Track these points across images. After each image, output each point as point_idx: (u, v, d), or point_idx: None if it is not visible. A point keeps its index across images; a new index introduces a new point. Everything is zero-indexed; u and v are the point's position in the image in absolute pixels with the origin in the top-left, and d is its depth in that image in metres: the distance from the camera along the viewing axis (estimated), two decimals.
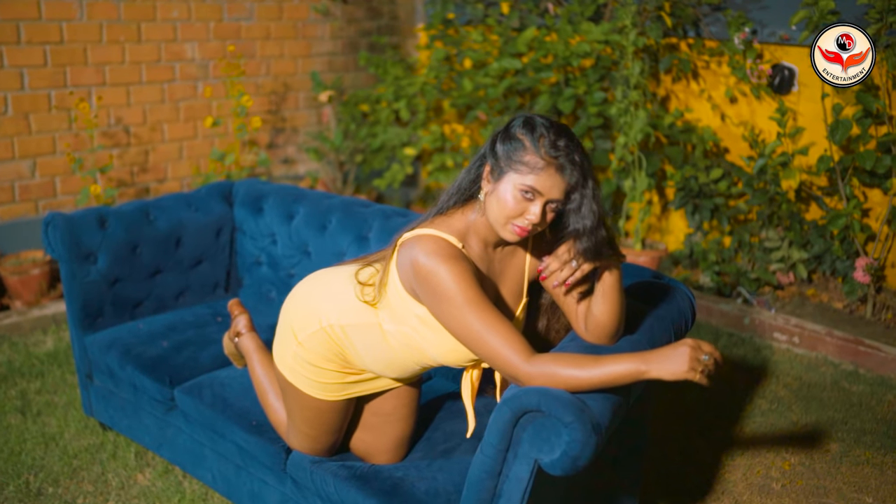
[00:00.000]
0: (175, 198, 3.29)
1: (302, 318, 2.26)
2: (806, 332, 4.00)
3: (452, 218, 2.04)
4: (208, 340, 2.94)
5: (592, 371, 1.81)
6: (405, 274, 2.00)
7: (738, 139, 4.65)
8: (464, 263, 1.93)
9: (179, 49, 4.89)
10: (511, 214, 1.91)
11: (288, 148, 5.59)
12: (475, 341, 1.90)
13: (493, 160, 1.96)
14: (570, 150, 1.91)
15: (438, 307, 1.93)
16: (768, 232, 4.44)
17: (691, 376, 1.80)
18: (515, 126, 1.97)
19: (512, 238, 1.94)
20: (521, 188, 1.89)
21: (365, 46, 5.84)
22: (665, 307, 2.21)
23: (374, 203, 3.09)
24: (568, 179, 1.89)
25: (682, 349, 1.81)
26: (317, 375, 2.26)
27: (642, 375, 1.81)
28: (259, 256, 3.30)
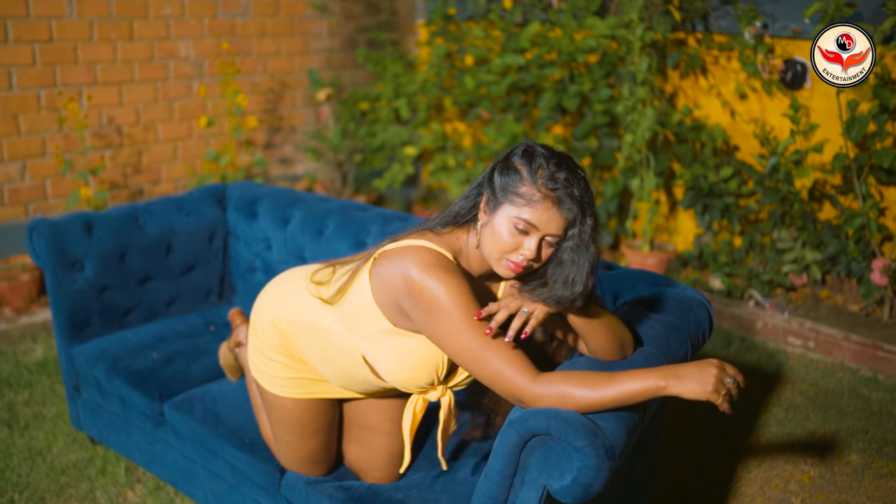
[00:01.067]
0: (165, 202, 3.16)
1: (258, 310, 2.25)
2: (821, 337, 3.86)
3: (445, 236, 1.93)
4: (200, 351, 2.81)
5: (606, 390, 1.68)
6: (385, 287, 1.88)
7: (748, 137, 4.51)
8: (461, 277, 1.81)
9: (173, 47, 4.76)
10: (505, 249, 1.80)
11: (285, 148, 5.46)
12: (474, 361, 1.77)
13: (490, 191, 1.85)
14: (570, 183, 1.79)
15: (434, 325, 1.80)
16: (780, 232, 4.30)
17: (714, 399, 1.67)
18: (515, 155, 1.86)
19: (506, 274, 1.82)
20: (516, 222, 1.78)
21: (364, 43, 5.71)
22: (681, 318, 2.08)
23: (372, 206, 2.96)
24: (566, 214, 1.78)
25: (709, 368, 1.68)
26: (271, 368, 2.20)
27: (661, 392, 1.68)
28: (253, 262, 3.17)
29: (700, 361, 1.71)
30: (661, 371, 1.69)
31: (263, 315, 2.21)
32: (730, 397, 1.69)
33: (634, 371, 1.71)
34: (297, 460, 2.23)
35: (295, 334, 2.13)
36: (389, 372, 1.97)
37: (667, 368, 1.70)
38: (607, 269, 2.40)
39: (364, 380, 2.08)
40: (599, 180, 4.98)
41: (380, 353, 1.96)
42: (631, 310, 2.07)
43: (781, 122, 4.35)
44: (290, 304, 2.16)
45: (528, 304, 1.77)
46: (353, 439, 2.30)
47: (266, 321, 2.19)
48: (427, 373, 1.95)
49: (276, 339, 2.17)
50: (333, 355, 2.07)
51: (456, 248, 1.92)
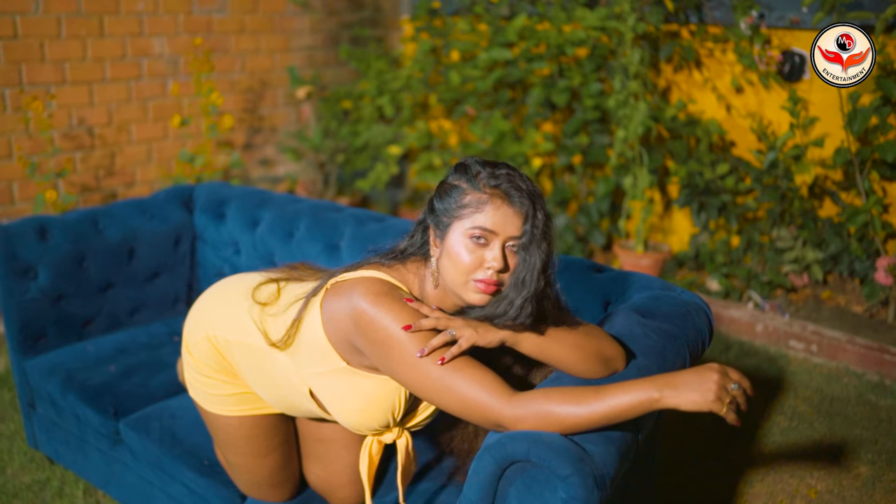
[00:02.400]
0: (128, 204, 2.97)
1: (191, 323, 2.07)
2: (825, 340, 3.68)
3: (398, 269, 1.75)
4: (162, 364, 2.62)
5: (593, 405, 1.49)
6: (335, 323, 1.71)
7: (744, 132, 4.33)
8: (412, 307, 1.64)
9: (146, 44, 4.56)
10: (468, 268, 1.61)
11: (266, 149, 5.27)
12: (439, 392, 1.58)
13: (434, 220, 1.69)
14: (512, 177, 1.63)
15: (389, 359, 1.62)
16: (780, 231, 4.11)
17: (717, 409, 1.48)
18: (448, 177, 1.71)
19: (478, 299, 1.63)
20: (471, 232, 1.61)
21: (347, 40, 5.52)
22: (678, 325, 1.89)
23: (346, 207, 2.77)
24: (519, 209, 1.61)
25: (708, 374, 1.49)
26: (209, 386, 2.02)
27: (655, 405, 1.48)
28: (222, 268, 2.98)
29: (698, 367, 1.52)
30: (654, 381, 1.50)
31: (197, 330, 2.03)
32: (736, 406, 1.50)
33: (624, 383, 1.52)
34: (253, 484, 2.04)
35: (233, 353, 1.96)
36: (339, 412, 1.80)
37: (661, 377, 1.51)
38: (597, 271, 2.22)
39: (309, 411, 1.91)
40: (591, 179, 4.80)
41: (329, 391, 1.79)
42: (623, 317, 1.88)
43: (779, 117, 4.17)
44: (228, 321, 1.98)
45: (457, 325, 1.60)
46: (311, 457, 2.12)
47: (201, 337, 2.01)
48: (381, 415, 1.78)
49: (212, 357, 2.00)
50: (276, 383, 1.90)
51: (409, 282, 1.75)
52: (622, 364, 1.70)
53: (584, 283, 2.16)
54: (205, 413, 2.06)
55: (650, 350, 1.77)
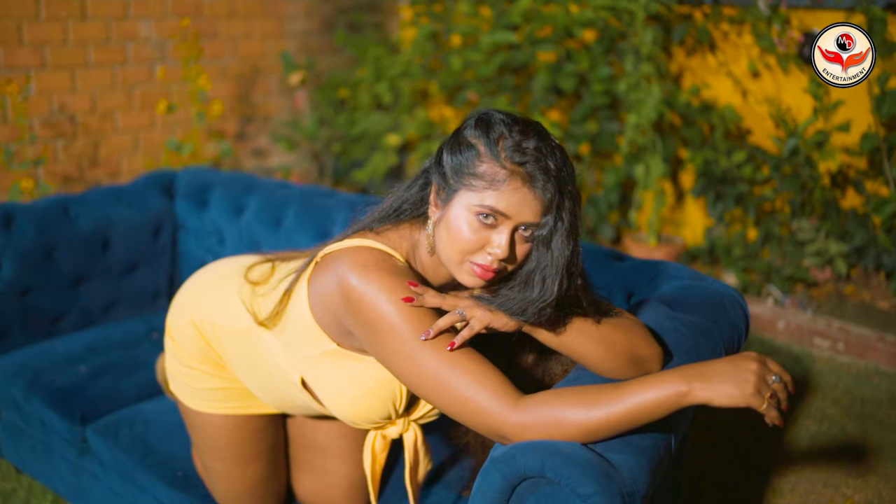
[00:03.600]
0: (103, 191, 2.74)
1: (176, 307, 1.86)
2: (852, 338, 3.45)
3: (387, 234, 1.52)
4: (136, 364, 2.40)
5: (613, 405, 1.26)
6: (322, 300, 1.48)
7: (761, 118, 4.10)
8: (411, 278, 1.41)
9: (132, 27, 4.34)
10: (467, 248, 1.38)
11: (259, 138, 5.04)
12: (435, 390, 1.35)
13: (440, 177, 1.43)
14: (542, 153, 1.36)
15: (380, 343, 1.39)
16: (800, 222, 3.88)
17: (756, 404, 1.26)
18: (467, 128, 1.43)
19: (471, 282, 1.40)
20: (479, 211, 1.36)
21: (343, 26, 5.29)
22: (712, 318, 1.66)
23: (338, 192, 2.55)
24: (542, 195, 1.35)
25: (746, 363, 1.27)
26: (193, 379, 1.81)
27: (683, 400, 1.26)
28: (205, 259, 2.75)
29: (733, 356, 1.30)
30: (681, 372, 1.28)
31: (182, 314, 1.82)
32: (777, 402, 1.28)
33: (646, 377, 1.30)
34: (232, 495, 1.82)
35: (220, 340, 1.74)
36: (333, 402, 1.57)
37: (689, 368, 1.29)
38: (617, 259, 1.99)
39: (304, 405, 1.68)
40: (599, 169, 4.57)
41: (321, 378, 1.56)
42: (650, 309, 1.65)
43: (799, 102, 3.94)
44: (216, 304, 1.76)
45: (468, 304, 1.38)
46: (301, 467, 1.89)
47: (185, 322, 1.80)
48: (381, 405, 1.54)
49: (196, 345, 1.79)
50: (266, 373, 1.67)
51: (406, 249, 1.52)
52: (657, 366, 1.47)
53: (603, 272, 1.93)
54: (185, 410, 1.85)
55: (681, 346, 1.55)
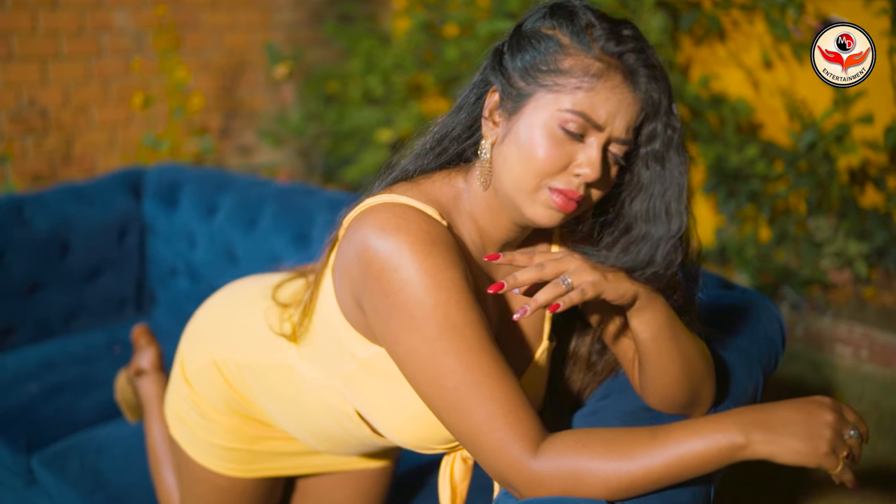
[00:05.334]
0: (62, 190, 2.51)
1: (193, 345, 1.54)
2: (877, 344, 3.22)
3: (425, 184, 1.19)
4: (94, 382, 2.16)
5: (651, 457, 1.00)
6: (342, 279, 1.18)
7: (774, 111, 3.87)
8: (451, 253, 1.09)
9: (107, 17, 4.09)
10: (547, 167, 1.07)
11: (244, 134, 4.79)
12: (450, 408, 1.06)
13: (503, 82, 1.11)
14: (643, 44, 1.06)
15: (394, 333, 1.09)
16: (817, 221, 3.65)
17: (830, 465, 1.01)
18: (536, 19, 1.12)
19: (546, 216, 1.10)
20: (563, 119, 1.05)
21: (333, 16, 5.05)
22: (747, 334, 1.43)
23: (320, 190, 2.31)
24: (644, 94, 1.06)
25: (819, 413, 1.01)
26: (208, 433, 1.49)
27: (739, 454, 1.01)
28: (176, 264, 2.52)
29: (801, 401, 1.05)
30: (736, 418, 1.02)
31: (200, 353, 1.51)
32: (852, 460, 1.03)
33: (691, 420, 1.04)
34: None
35: (249, 382, 1.43)
36: (392, 429, 1.25)
37: (747, 412, 1.03)
38: None
39: (361, 441, 1.38)
40: None
41: (369, 399, 1.24)
42: None
43: (815, 94, 3.71)
44: (240, 337, 1.45)
45: (574, 268, 1.06)
46: None
47: (205, 362, 1.49)
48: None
49: (218, 390, 1.48)
50: (310, 413, 1.37)
51: (447, 201, 1.19)
52: (708, 405, 1.23)
53: None
54: (185, 459, 1.56)
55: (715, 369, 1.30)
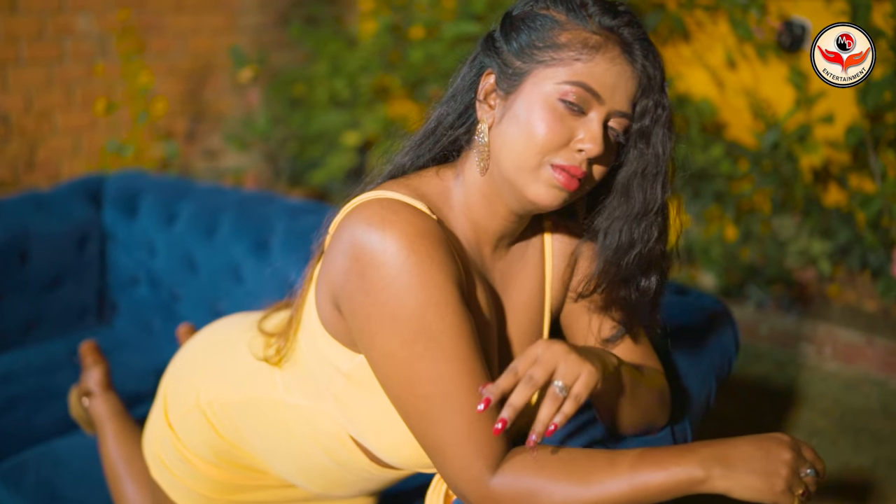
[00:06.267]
0: (19, 200, 2.48)
1: (175, 388, 1.48)
2: (840, 342, 3.25)
3: (414, 180, 1.17)
4: (53, 393, 2.13)
5: (607, 484, 1.01)
6: (327, 282, 1.15)
7: (738, 111, 3.90)
8: (439, 248, 1.06)
9: (69, 21, 4.05)
10: (549, 143, 1.06)
11: (211, 138, 4.76)
12: (418, 410, 1.06)
13: (499, 62, 1.11)
14: (637, 20, 1.07)
15: (373, 328, 1.07)
16: (782, 220, 3.68)
17: (785, 503, 1.02)
18: (525, 4, 1.12)
19: (549, 196, 1.08)
20: (563, 91, 1.05)
21: (299, 19, 5.02)
22: (701, 343, 1.43)
23: (279, 197, 2.31)
24: (641, 69, 1.06)
25: (777, 451, 1.02)
26: (192, 480, 1.44)
27: (696, 487, 1.02)
28: (136, 272, 2.49)
29: (760, 438, 1.05)
30: (698, 452, 1.03)
31: (183, 397, 1.45)
32: (808, 497, 1.05)
33: (651, 450, 1.05)
34: None
35: (237, 425, 1.38)
36: (386, 448, 1.21)
37: (707, 447, 1.04)
38: None
39: (358, 476, 1.33)
40: None
41: (362, 416, 1.20)
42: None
43: (779, 94, 3.74)
44: (223, 375, 1.40)
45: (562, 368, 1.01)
46: None
47: (188, 407, 1.43)
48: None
49: (203, 436, 1.42)
50: (306, 448, 1.32)
51: (437, 196, 1.17)
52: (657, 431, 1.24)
53: None
54: (165, 499, 1.50)
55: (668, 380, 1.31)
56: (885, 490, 2.42)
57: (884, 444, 2.66)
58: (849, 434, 2.73)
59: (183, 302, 2.36)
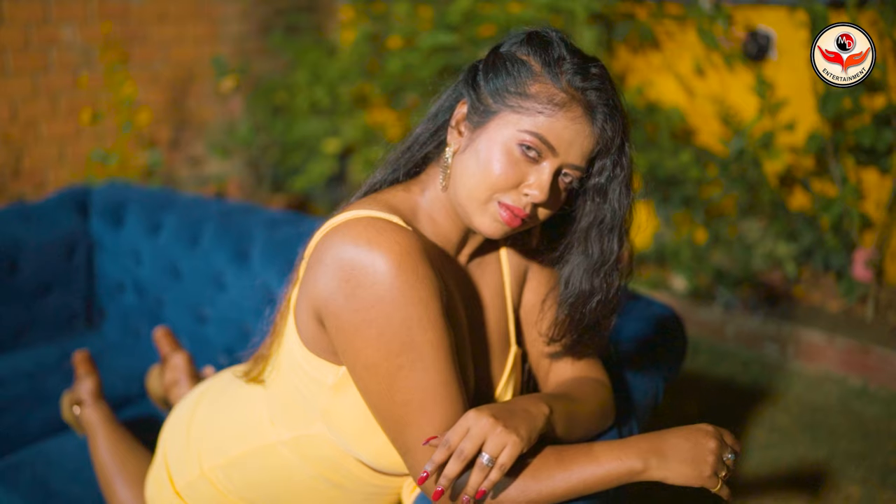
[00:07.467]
0: (9, 211, 2.57)
1: (178, 453, 1.51)
2: (802, 342, 3.38)
3: (384, 196, 1.26)
4: (44, 397, 2.23)
5: (555, 479, 1.14)
6: (307, 300, 1.23)
7: (707, 118, 4.02)
8: (423, 263, 1.15)
9: (53, 32, 4.13)
10: (499, 183, 1.15)
11: (194, 146, 4.85)
12: (393, 415, 1.17)
13: (473, 96, 1.19)
14: (606, 83, 1.16)
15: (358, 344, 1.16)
16: (749, 224, 3.81)
17: (711, 485, 1.17)
18: (513, 44, 1.20)
19: (492, 228, 1.18)
20: (521, 139, 1.14)
21: (280, 28, 5.12)
22: (649, 349, 1.55)
23: (261, 209, 2.41)
24: (600, 131, 1.15)
25: (704, 441, 1.16)
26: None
27: (636, 478, 1.15)
28: (123, 280, 2.59)
29: (689, 429, 1.19)
30: (635, 445, 1.16)
31: (189, 466, 1.49)
32: (728, 476, 1.18)
33: (596, 447, 1.17)
34: None
35: (239, 486, 1.44)
36: (380, 454, 1.29)
37: (644, 440, 1.17)
38: None
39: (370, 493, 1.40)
40: None
41: (353, 424, 1.28)
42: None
43: (745, 101, 3.86)
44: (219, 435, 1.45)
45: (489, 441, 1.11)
46: None
47: (195, 476, 1.48)
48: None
49: (214, 502, 1.48)
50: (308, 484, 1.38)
51: (407, 210, 1.26)
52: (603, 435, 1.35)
53: None
54: None
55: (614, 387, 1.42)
56: (839, 482, 2.55)
57: (840, 438, 2.79)
58: (807, 430, 2.85)
59: (168, 308, 2.46)
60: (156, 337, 2.12)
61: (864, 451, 2.70)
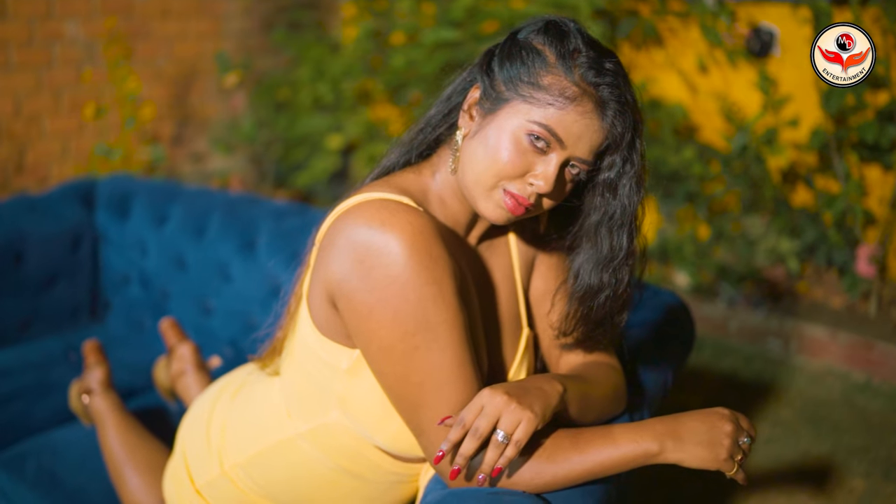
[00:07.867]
0: (14, 203, 2.58)
1: (198, 451, 1.51)
2: (805, 337, 3.38)
3: (395, 179, 1.26)
4: (50, 387, 2.23)
5: (572, 461, 1.13)
6: (321, 284, 1.23)
7: (710, 115, 4.02)
8: (436, 242, 1.15)
9: (57, 27, 4.13)
10: (505, 171, 1.16)
11: (197, 142, 4.85)
12: (408, 396, 1.17)
13: (487, 82, 1.19)
14: (620, 79, 1.15)
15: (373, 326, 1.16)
16: (752, 220, 3.81)
17: (727, 468, 1.16)
18: (530, 31, 1.20)
19: (495, 214, 1.18)
20: (531, 128, 1.14)
21: (283, 24, 5.12)
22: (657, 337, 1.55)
23: (266, 200, 2.41)
24: (609, 126, 1.15)
25: (720, 424, 1.15)
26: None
27: (652, 460, 1.14)
28: (128, 272, 2.59)
29: (705, 413, 1.18)
30: (651, 428, 1.16)
31: (209, 465, 1.49)
32: (744, 460, 1.18)
33: (612, 429, 1.17)
34: None
35: (260, 483, 1.44)
36: (389, 439, 1.29)
37: (660, 423, 1.16)
38: None
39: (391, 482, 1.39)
40: None
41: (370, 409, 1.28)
42: None
43: (748, 98, 3.87)
44: (238, 433, 1.45)
45: (504, 418, 1.11)
46: None
47: (216, 475, 1.48)
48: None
49: (235, 501, 1.48)
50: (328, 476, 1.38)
51: (417, 192, 1.26)
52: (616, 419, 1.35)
53: None
54: None
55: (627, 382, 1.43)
56: (842, 476, 2.55)
57: (843, 433, 2.79)
58: (810, 424, 2.85)
59: (173, 300, 2.47)
60: (162, 328, 2.12)
61: (868, 445, 2.71)
